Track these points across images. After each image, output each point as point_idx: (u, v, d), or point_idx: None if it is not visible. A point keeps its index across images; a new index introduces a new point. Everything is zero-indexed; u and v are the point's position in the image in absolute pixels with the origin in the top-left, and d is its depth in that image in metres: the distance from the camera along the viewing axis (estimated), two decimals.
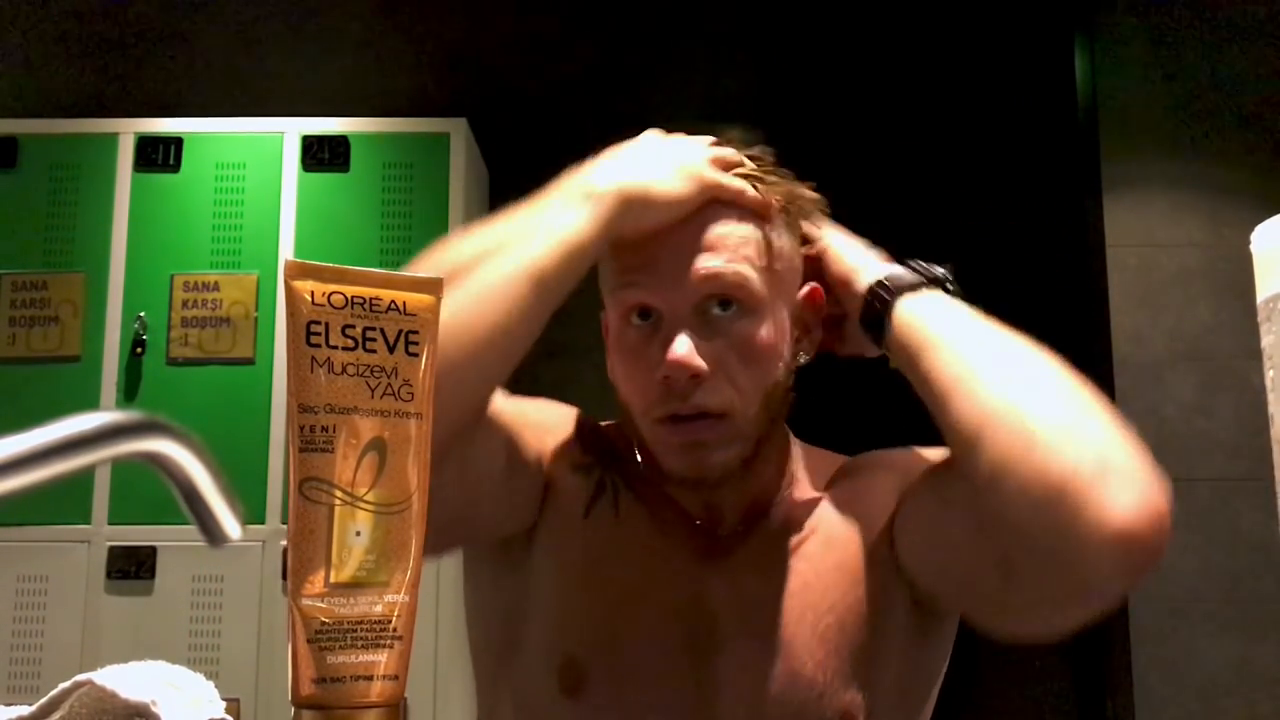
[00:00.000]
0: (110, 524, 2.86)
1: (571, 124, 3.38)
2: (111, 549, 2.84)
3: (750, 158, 1.01)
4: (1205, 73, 3.35)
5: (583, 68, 3.44)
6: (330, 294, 0.55)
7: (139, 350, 2.93)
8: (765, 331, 0.95)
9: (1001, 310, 0.78)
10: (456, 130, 3.09)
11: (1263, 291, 0.63)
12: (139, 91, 3.47)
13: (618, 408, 1.01)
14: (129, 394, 2.92)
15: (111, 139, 3.06)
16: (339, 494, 0.53)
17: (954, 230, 3.27)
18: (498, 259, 0.89)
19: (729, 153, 1.00)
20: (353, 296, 0.56)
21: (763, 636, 0.94)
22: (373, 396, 0.55)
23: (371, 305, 0.56)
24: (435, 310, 0.58)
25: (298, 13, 3.53)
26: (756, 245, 0.95)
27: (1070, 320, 3.25)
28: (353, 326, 0.55)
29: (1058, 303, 3.25)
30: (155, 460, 0.47)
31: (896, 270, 0.96)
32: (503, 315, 0.87)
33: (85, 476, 2.81)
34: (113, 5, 3.54)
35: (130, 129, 3.07)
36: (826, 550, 0.98)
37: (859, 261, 0.98)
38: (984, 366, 0.85)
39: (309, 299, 0.55)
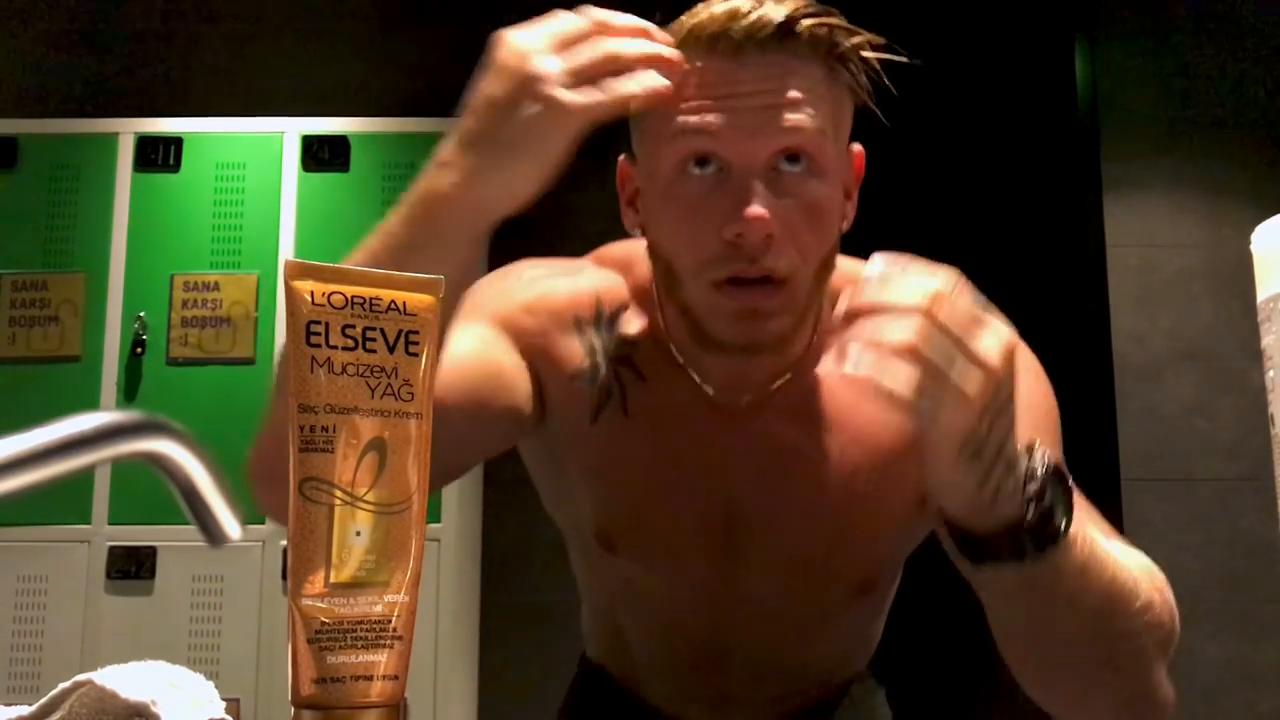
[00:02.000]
0: (110, 524, 2.86)
1: None
2: (111, 549, 2.84)
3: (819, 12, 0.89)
4: (1205, 73, 3.35)
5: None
6: (330, 294, 0.55)
7: (139, 350, 2.93)
8: (831, 194, 0.89)
9: (1001, 310, 0.78)
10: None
11: (1263, 291, 0.63)
12: (139, 91, 3.47)
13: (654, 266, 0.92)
14: (129, 394, 2.92)
15: (111, 139, 3.06)
16: (339, 494, 0.53)
17: (954, 230, 3.27)
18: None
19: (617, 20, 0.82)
20: (353, 296, 0.56)
21: (783, 511, 0.94)
22: (373, 396, 0.55)
23: (371, 305, 0.56)
24: (435, 310, 0.58)
25: (298, 13, 3.53)
26: (832, 101, 0.90)
27: (1070, 320, 3.25)
28: (353, 326, 0.55)
29: (1058, 303, 3.25)
30: (155, 460, 0.47)
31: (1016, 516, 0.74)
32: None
33: (85, 476, 2.81)
34: (113, 5, 3.54)
35: (130, 129, 3.07)
36: (844, 429, 0.94)
37: (974, 484, 0.72)
38: (1077, 635, 0.80)
39: (309, 299, 0.55)
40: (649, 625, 1.03)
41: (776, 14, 0.84)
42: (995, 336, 0.70)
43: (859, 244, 1.08)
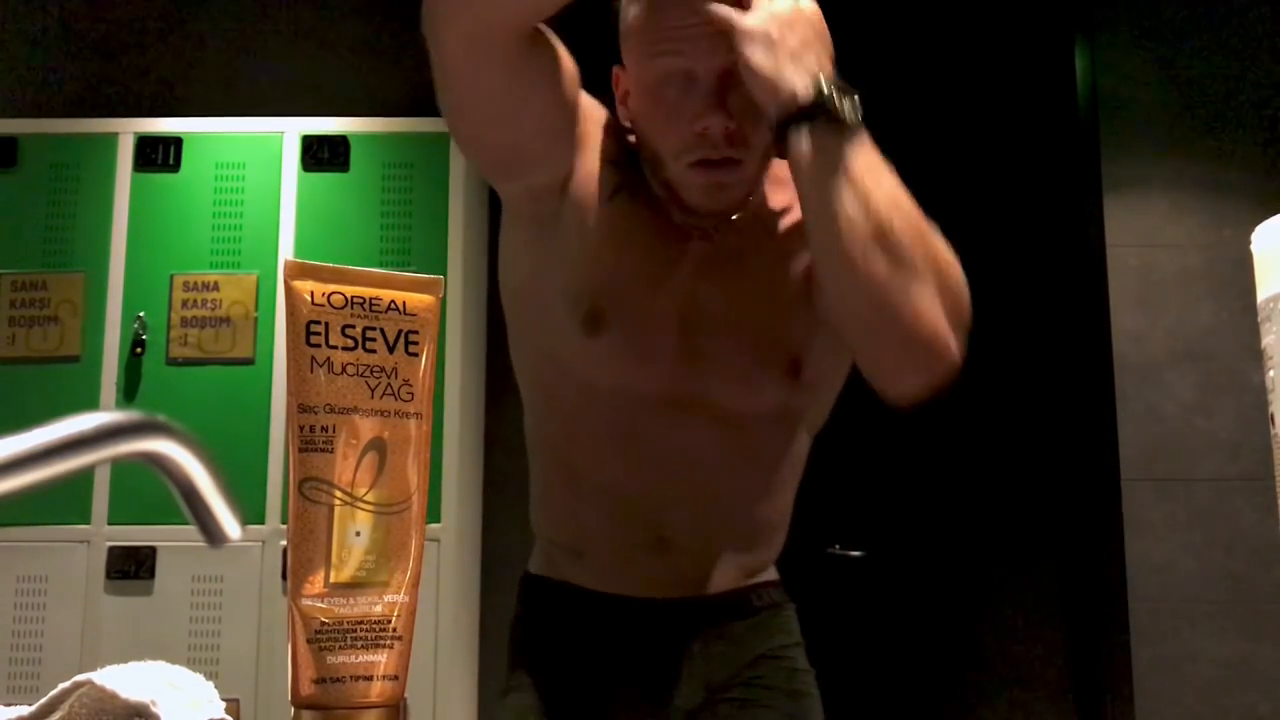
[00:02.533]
0: (110, 524, 2.86)
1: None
2: (111, 549, 2.84)
3: None
4: (1205, 73, 3.35)
5: (582, 67, 3.44)
6: (330, 294, 0.55)
7: (139, 350, 2.93)
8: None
9: (1002, 310, 0.78)
10: None
11: (1263, 291, 0.63)
12: (139, 91, 3.47)
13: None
14: (129, 394, 2.92)
15: (111, 139, 3.06)
16: (339, 494, 0.53)
17: (954, 230, 3.27)
18: None
19: None
20: (353, 296, 0.56)
21: (736, 299, 1.21)
22: (373, 396, 0.55)
23: (371, 305, 0.56)
24: (435, 310, 0.58)
25: (298, 13, 3.53)
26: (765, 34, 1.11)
27: (1070, 320, 3.24)
28: (353, 326, 0.55)
29: (1058, 303, 3.25)
30: (155, 460, 0.47)
31: (811, 88, 1.07)
32: None
33: (85, 476, 2.81)
34: (112, 5, 3.54)
35: (130, 129, 3.07)
36: (785, 248, 1.23)
37: (781, 62, 1.08)
38: (864, 216, 1.05)
39: (309, 299, 0.55)
40: (602, 453, 1.23)
41: None
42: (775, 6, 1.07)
43: None
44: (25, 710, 0.59)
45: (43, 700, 0.58)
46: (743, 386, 1.21)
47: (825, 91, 1.05)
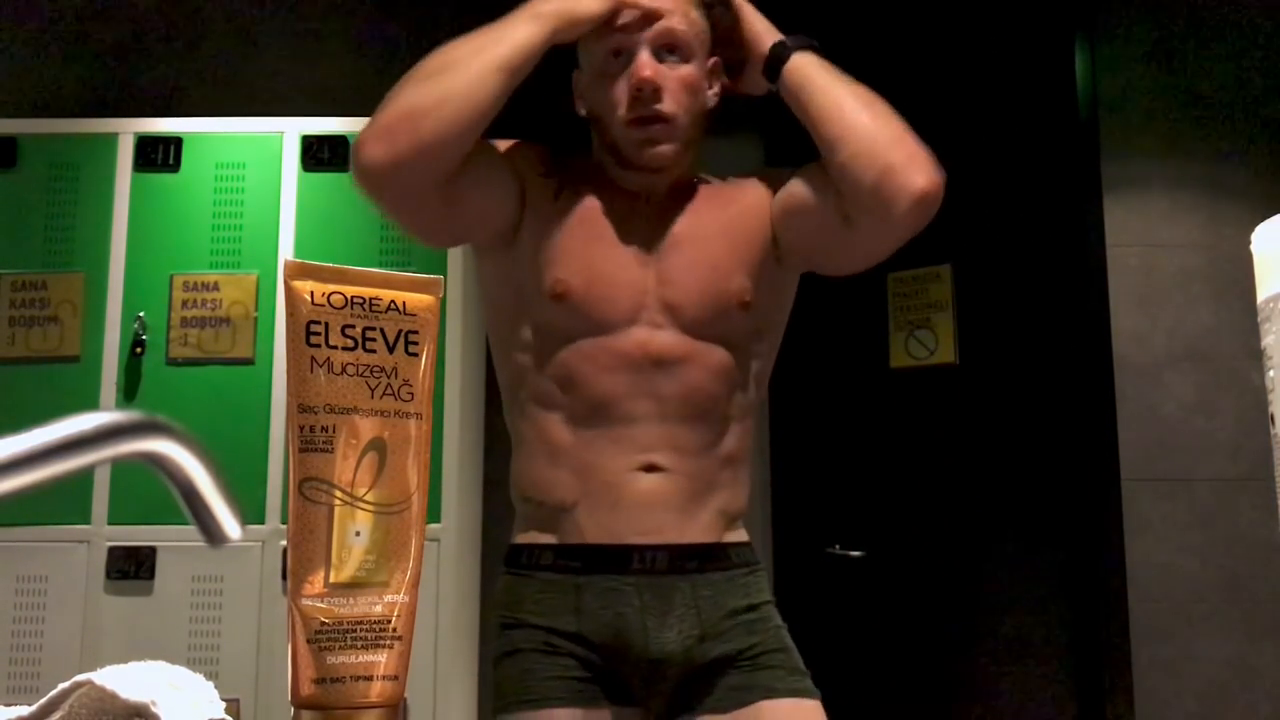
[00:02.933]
0: (110, 524, 2.86)
1: (570, 123, 3.38)
2: (111, 549, 2.84)
3: None
4: (1205, 73, 3.35)
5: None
6: (330, 294, 0.55)
7: (139, 350, 2.93)
8: (696, 73, 1.45)
9: (1002, 309, 0.78)
10: None
11: (1263, 291, 0.63)
12: (139, 91, 3.47)
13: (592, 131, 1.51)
14: (129, 394, 2.92)
15: (111, 139, 3.06)
16: (339, 494, 0.53)
17: (954, 230, 3.27)
18: (476, 56, 1.36)
19: None
20: (352, 296, 0.56)
21: (690, 250, 1.44)
22: (373, 396, 0.55)
23: (371, 305, 0.56)
24: (435, 310, 0.58)
25: (298, 13, 3.53)
26: (690, 18, 1.45)
27: (1070, 320, 3.24)
28: (353, 326, 0.55)
29: (1058, 303, 3.25)
30: (155, 460, 0.47)
31: (788, 38, 1.48)
32: (480, 93, 1.33)
33: (85, 476, 2.81)
34: (113, 5, 3.54)
35: (130, 129, 3.07)
36: (724, 208, 1.49)
37: (763, 28, 1.50)
38: (844, 99, 1.41)
39: (309, 299, 0.55)
40: (594, 397, 1.40)
41: None
42: None
43: None
44: (25, 710, 0.59)
45: (43, 700, 0.58)
46: (703, 315, 1.43)
47: (800, 40, 1.47)
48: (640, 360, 1.40)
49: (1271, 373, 0.63)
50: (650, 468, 1.39)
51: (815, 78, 1.42)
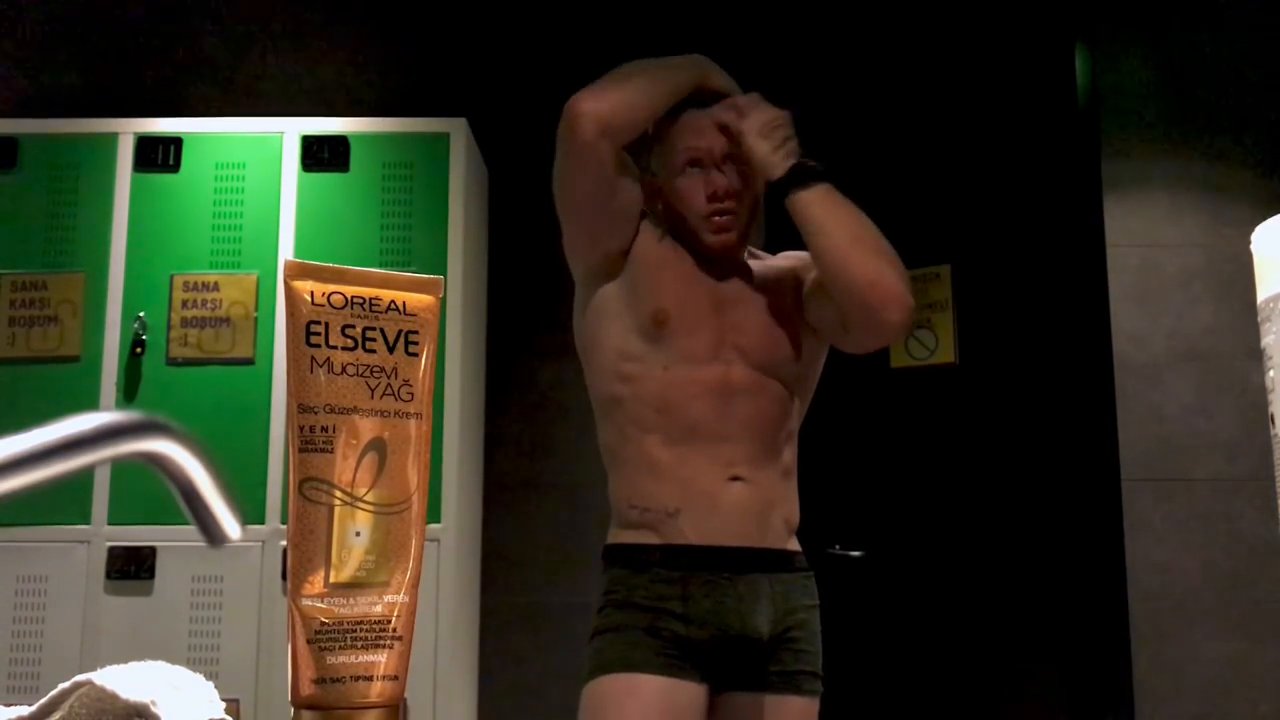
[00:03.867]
0: (110, 524, 2.86)
1: None
2: (111, 549, 2.84)
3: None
4: (1205, 73, 3.35)
5: (583, 68, 3.44)
6: (330, 294, 0.55)
7: (139, 350, 2.93)
8: (751, 177, 1.78)
9: (1002, 309, 0.79)
10: (456, 130, 3.09)
11: (1263, 291, 0.63)
12: (139, 91, 3.47)
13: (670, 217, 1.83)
14: (129, 394, 2.92)
15: (111, 139, 3.06)
16: (339, 494, 0.53)
17: (954, 230, 3.27)
18: (657, 69, 1.78)
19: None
20: (353, 296, 0.56)
21: (752, 307, 1.78)
22: (373, 396, 0.55)
23: (371, 305, 0.56)
24: (435, 310, 0.58)
25: (297, 13, 3.53)
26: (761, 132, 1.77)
27: (1070, 320, 3.24)
28: (353, 326, 0.55)
29: (1058, 303, 3.25)
30: (155, 460, 0.47)
31: (793, 168, 1.72)
32: (659, 95, 1.75)
33: (85, 476, 2.81)
34: (112, 6, 3.54)
35: (130, 129, 3.07)
36: (775, 280, 1.83)
37: (765, 152, 1.73)
38: (837, 240, 1.68)
39: (309, 299, 0.55)
40: (683, 419, 1.70)
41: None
42: (776, 110, 1.77)
43: None
44: (25, 710, 0.59)
45: (43, 700, 0.58)
46: (764, 362, 1.75)
47: (806, 164, 1.71)
48: (722, 389, 1.71)
49: (1271, 373, 0.63)
50: (736, 478, 1.70)
51: (813, 218, 1.69)
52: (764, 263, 1.88)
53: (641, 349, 1.72)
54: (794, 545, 1.79)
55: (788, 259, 1.88)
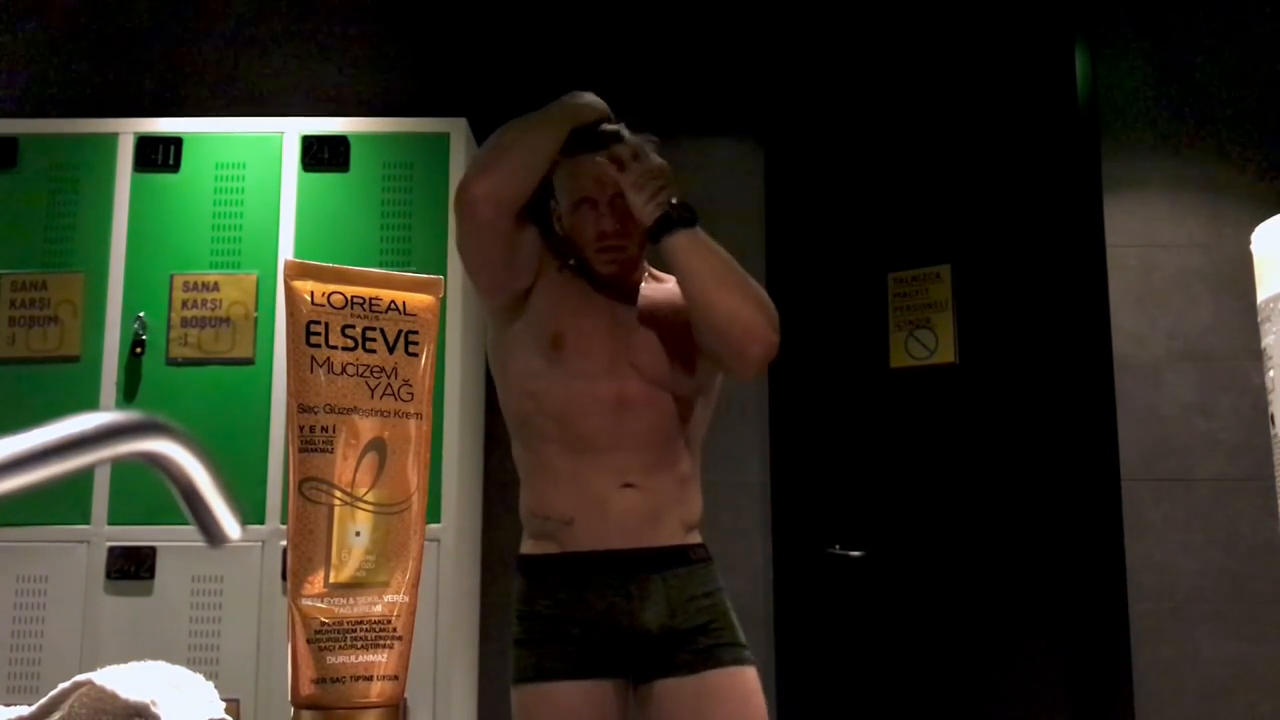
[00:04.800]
0: (110, 524, 2.86)
1: None
2: (111, 549, 2.84)
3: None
4: (1205, 73, 3.35)
5: (582, 68, 3.44)
6: (330, 294, 0.55)
7: (139, 350, 2.93)
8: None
9: (1002, 310, 0.79)
10: (456, 130, 3.09)
11: (1263, 291, 0.63)
12: (139, 91, 3.47)
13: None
14: (129, 394, 2.92)
15: (111, 139, 3.06)
16: (339, 494, 0.53)
17: (955, 230, 3.27)
18: (532, 133, 1.86)
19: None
20: (353, 296, 0.56)
21: (647, 326, 1.90)
22: (373, 396, 0.55)
23: (371, 305, 0.56)
24: (435, 310, 0.57)
25: (297, 13, 3.53)
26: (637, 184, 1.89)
27: (1070, 320, 3.24)
28: (353, 326, 0.55)
29: (1057, 303, 3.25)
30: (155, 460, 0.47)
31: (664, 214, 1.84)
32: (540, 156, 1.85)
33: (85, 476, 2.81)
34: (113, 6, 3.54)
35: (130, 129, 3.07)
36: (669, 301, 1.93)
37: (640, 202, 1.85)
38: (702, 282, 1.83)
39: (309, 299, 0.55)
40: (581, 432, 1.83)
41: (606, 132, 1.93)
42: (658, 162, 1.90)
43: (866, 237, 1.10)
44: (25, 710, 0.59)
45: (43, 700, 0.58)
46: (658, 378, 1.88)
47: (675, 214, 1.84)
48: (617, 403, 1.84)
49: (1271, 373, 0.63)
50: (628, 485, 1.82)
51: (679, 262, 1.84)
52: (661, 285, 2.00)
53: (543, 368, 1.86)
54: (692, 539, 1.90)
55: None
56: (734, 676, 1.81)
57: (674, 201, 1.85)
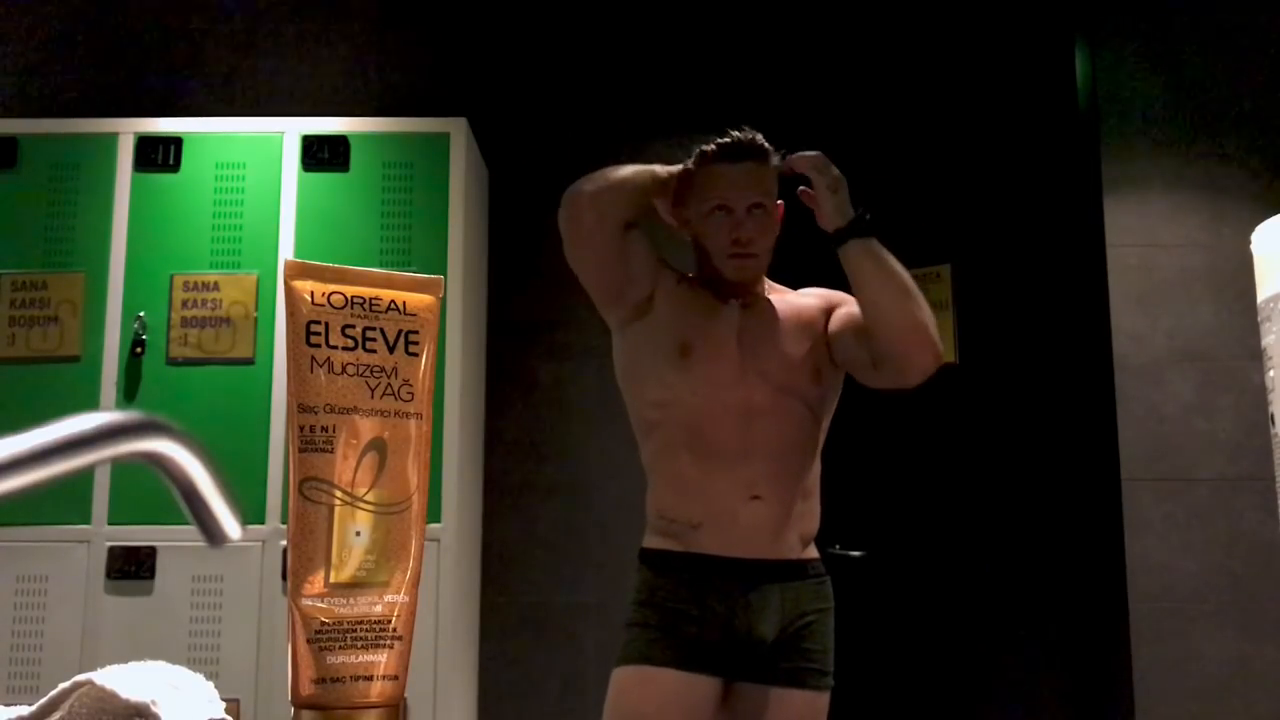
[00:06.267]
0: (110, 524, 2.86)
1: (571, 124, 3.38)
2: (111, 549, 2.84)
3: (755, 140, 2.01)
4: (1205, 73, 3.35)
5: (582, 68, 3.44)
6: (330, 294, 0.55)
7: (139, 350, 2.93)
8: (771, 220, 1.99)
9: (1002, 310, 0.79)
10: (456, 130, 3.09)
11: (1263, 291, 0.63)
12: (139, 91, 3.47)
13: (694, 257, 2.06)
14: (129, 394, 2.92)
15: (111, 139, 3.06)
16: (339, 494, 0.53)
17: (955, 230, 3.27)
18: (634, 167, 1.94)
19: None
20: (353, 296, 0.56)
21: (770, 341, 1.97)
22: (373, 396, 0.55)
23: (371, 305, 0.56)
24: (435, 310, 0.57)
25: (298, 13, 3.53)
26: (771, 180, 1.98)
27: (1070, 320, 3.24)
28: (353, 326, 0.55)
29: (1058, 303, 3.25)
30: (155, 460, 0.47)
31: (850, 220, 1.89)
32: (641, 177, 1.94)
33: (85, 476, 2.81)
34: (113, 6, 3.54)
35: (130, 129, 3.07)
36: (795, 314, 2.02)
37: (831, 209, 1.90)
38: (882, 293, 1.86)
39: (309, 299, 0.55)
40: (711, 443, 1.89)
41: (750, 142, 1.98)
42: (834, 169, 1.92)
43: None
44: (25, 710, 0.59)
45: (43, 700, 0.58)
46: (785, 385, 1.94)
47: (863, 219, 1.88)
48: (745, 411, 1.90)
49: (1271, 373, 0.63)
50: (755, 497, 1.89)
51: (865, 268, 1.87)
52: (782, 296, 2.06)
53: (673, 378, 1.93)
54: (809, 554, 1.98)
55: (808, 295, 2.08)
56: (810, 702, 1.89)
57: (862, 210, 1.89)
